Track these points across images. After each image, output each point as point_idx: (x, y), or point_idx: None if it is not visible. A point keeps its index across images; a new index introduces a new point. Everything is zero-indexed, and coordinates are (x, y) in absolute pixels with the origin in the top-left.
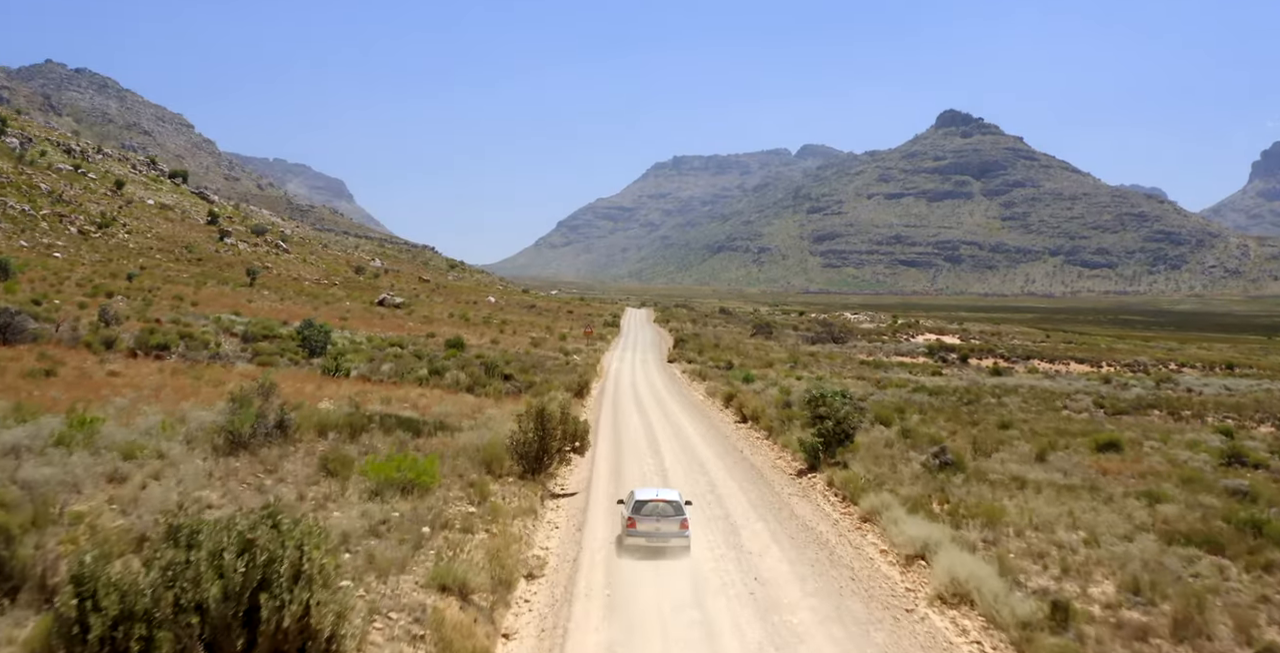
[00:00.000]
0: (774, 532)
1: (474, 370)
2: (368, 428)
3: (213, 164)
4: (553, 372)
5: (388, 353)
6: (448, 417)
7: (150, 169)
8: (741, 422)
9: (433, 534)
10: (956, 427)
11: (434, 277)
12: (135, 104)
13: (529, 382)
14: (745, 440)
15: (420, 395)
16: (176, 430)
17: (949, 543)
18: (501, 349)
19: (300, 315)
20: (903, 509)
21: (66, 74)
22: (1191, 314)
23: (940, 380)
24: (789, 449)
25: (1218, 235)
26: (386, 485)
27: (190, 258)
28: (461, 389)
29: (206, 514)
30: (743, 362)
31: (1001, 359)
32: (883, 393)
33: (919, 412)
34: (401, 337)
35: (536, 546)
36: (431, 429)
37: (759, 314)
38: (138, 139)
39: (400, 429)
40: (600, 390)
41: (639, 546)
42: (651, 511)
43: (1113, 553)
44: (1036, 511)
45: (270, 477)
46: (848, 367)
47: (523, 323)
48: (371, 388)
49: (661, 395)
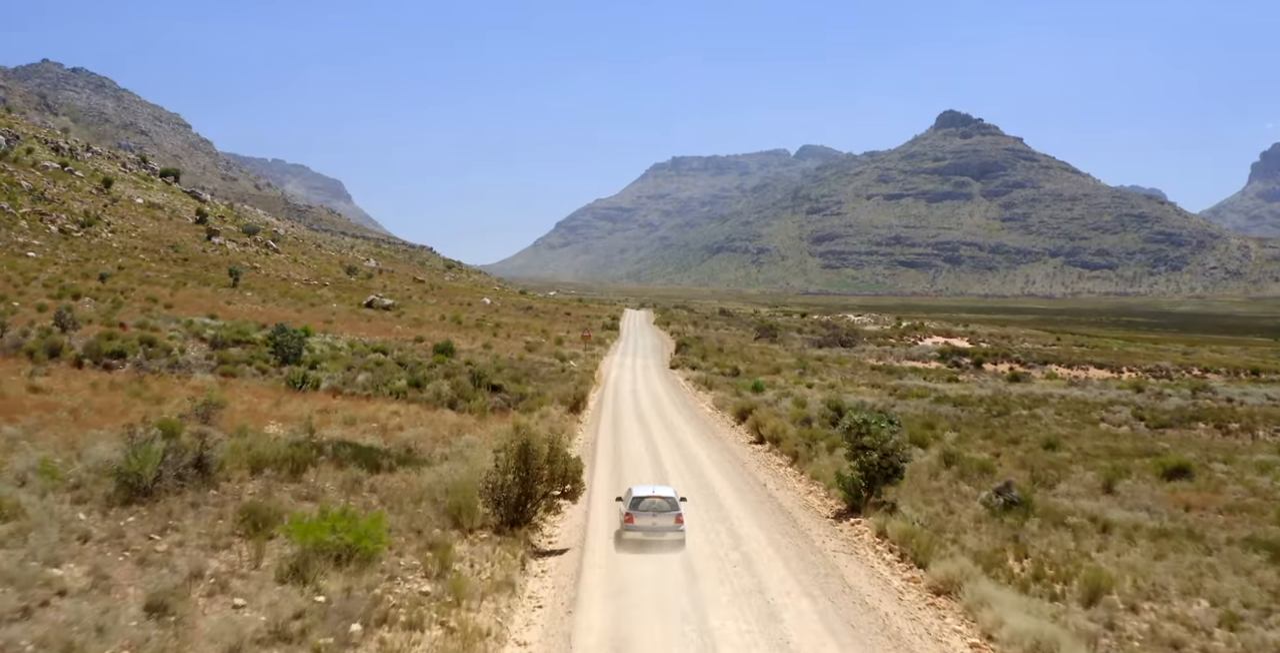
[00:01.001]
0: (826, 616)
1: (460, 380)
2: (315, 462)
3: (210, 164)
4: (547, 380)
5: (368, 360)
6: (418, 443)
7: (141, 168)
8: (758, 443)
9: (365, 635)
10: (997, 447)
11: (429, 277)
12: (132, 104)
13: (520, 394)
14: (766, 469)
15: (393, 414)
16: (65, 472)
17: (1069, 642)
18: (493, 355)
19: (282, 318)
20: (990, 582)
21: (63, 73)
22: (1194, 316)
23: (959, 388)
24: (820, 482)
25: (1218, 237)
26: (317, 553)
27: (176, 258)
28: (443, 404)
29: (37, 615)
30: (749, 367)
31: (1017, 364)
32: (904, 404)
33: (950, 427)
34: (387, 341)
35: (510, 641)
36: (394, 462)
37: (760, 316)
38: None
39: (355, 463)
40: (598, 402)
41: (636, 540)
42: (648, 506)
43: (1263, 641)
44: (1139, 568)
45: (166, 539)
46: (859, 373)
47: (517, 326)
48: (339, 404)
49: (665, 409)
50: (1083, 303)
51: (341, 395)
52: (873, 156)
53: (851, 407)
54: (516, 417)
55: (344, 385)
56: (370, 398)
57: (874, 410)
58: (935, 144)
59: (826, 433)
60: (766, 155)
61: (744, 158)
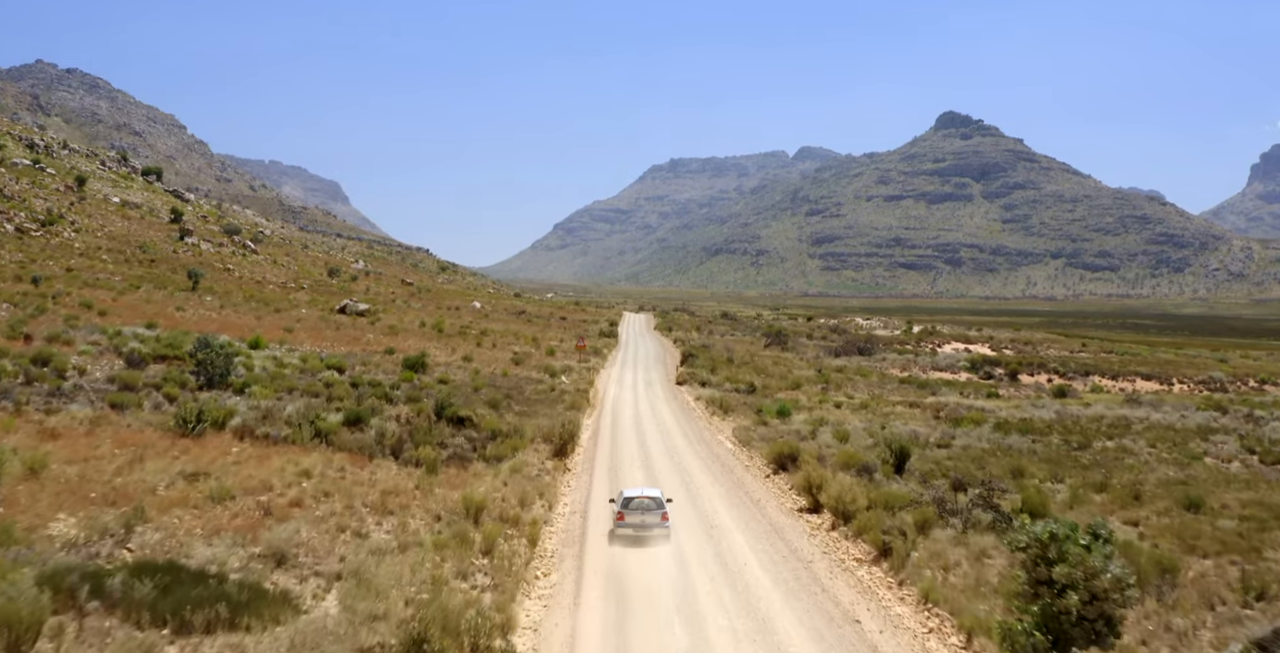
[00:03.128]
0: None
1: (424, 407)
2: (82, 610)
3: (204, 165)
4: (532, 403)
5: (317, 381)
6: (298, 548)
7: (122, 166)
8: (811, 511)
9: None
10: (1118, 505)
11: (421, 280)
12: (126, 105)
13: (493, 430)
14: (844, 575)
15: (298, 477)
16: None
17: None
18: (474, 370)
19: (239, 327)
20: None
21: (57, 74)
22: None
23: (1005, 405)
24: (941, 612)
25: (1221, 238)
26: None
27: (142, 258)
28: (384, 452)
29: None
30: (765, 382)
31: (1055, 375)
32: (963, 433)
33: (1048, 475)
34: (351, 354)
35: None
36: (231, 607)
37: (764, 320)
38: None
39: (160, 609)
40: (593, 435)
41: (627, 535)
42: (637, 506)
43: None
44: None
45: None
46: (887, 386)
47: (506, 334)
48: (232, 458)
49: (678, 448)
50: (1086, 305)
51: (252, 439)
52: (872, 158)
53: (905, 438)
54: (469, 490)
55: (262, 421)
56: (287, 443)
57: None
58: (935, 145)
59: (906, 494)
60: (765, 157)
61: (742, 159)
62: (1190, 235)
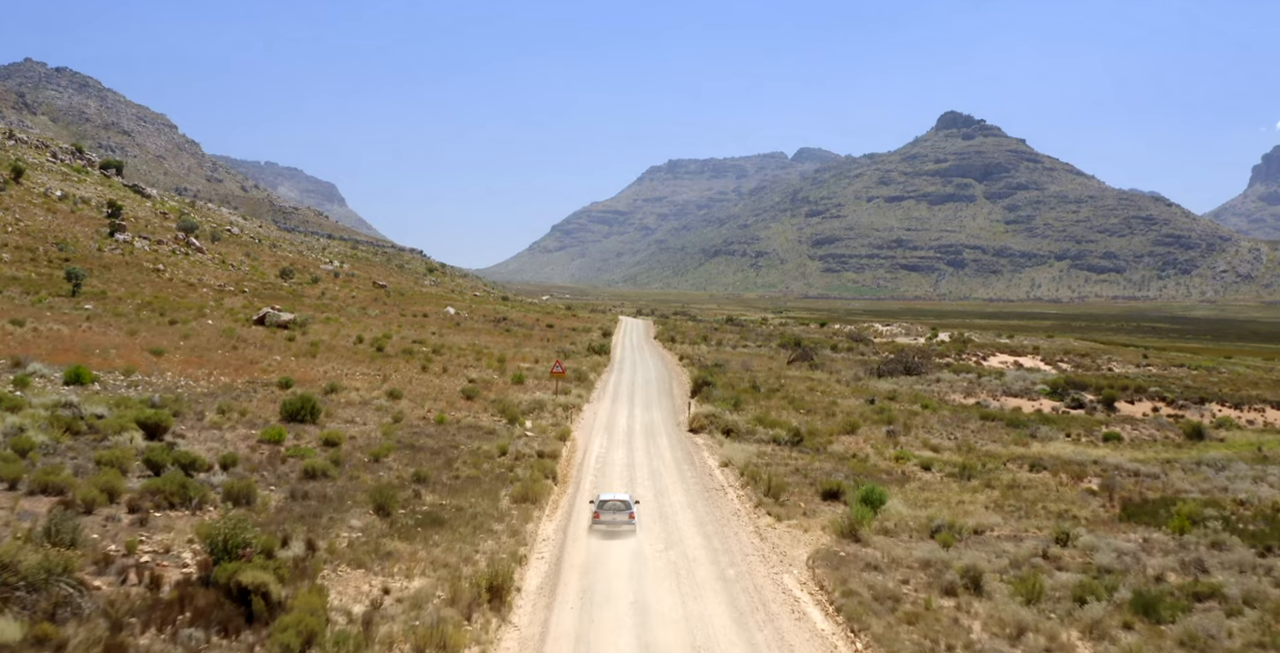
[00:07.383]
0: None
1: (217, 539)
2: None
3: (195, 165)
4: (458, 488)
5: (100, 452)
6: None
7: (75, 158)
8: None
9: None
10: None
11: (401, 282)
12: (116, 104)
13: (306, 628)
14: None
15: None
16: None
17: None
18: (396, 412)
19: (96, 346)
20: None
21: (45, 72)
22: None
23: (1156, 458)
24: None
25: (1228, 239)
26: None
27: (55, 257)
28: None
29: None
30: (809, 421)
31: (1163, 402)
32: (1210, 553)
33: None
34: (221, 391)
35: None
36: None
37: (771, 325)
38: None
39: None
40: (550, 575)
41: (601, 530)
42: (610, 507)
43: None
44: None
45: None
46: (969, 425)
47: (468, 350)
48: None
49: (708, 614)
50: (1092, 307)
51: None
52: (872, 159)
53: (1153, 596)
54: None
55: None
56: None
57: None
58: (937, 145)
59: None
60: (763, 158)
61: (741, 161)
62: (1197, 236)
